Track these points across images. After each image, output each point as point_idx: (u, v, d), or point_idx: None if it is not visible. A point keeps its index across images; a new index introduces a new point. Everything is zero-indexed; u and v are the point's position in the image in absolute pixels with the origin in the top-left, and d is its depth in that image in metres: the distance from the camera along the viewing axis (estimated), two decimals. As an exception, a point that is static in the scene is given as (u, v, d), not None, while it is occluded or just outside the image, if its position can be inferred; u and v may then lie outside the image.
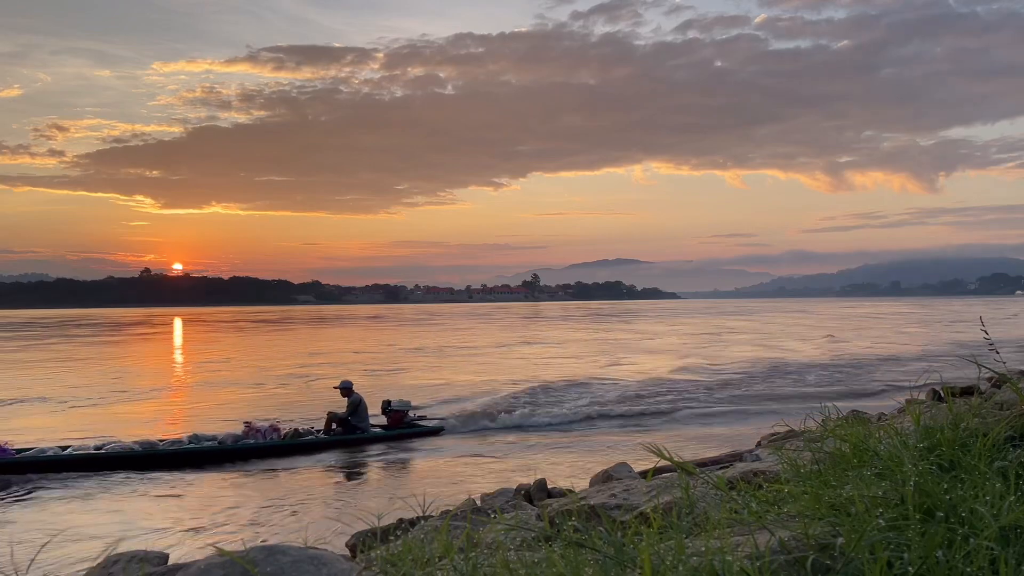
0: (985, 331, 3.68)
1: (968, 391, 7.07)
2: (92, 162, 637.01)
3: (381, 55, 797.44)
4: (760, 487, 2.87)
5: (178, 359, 34.17)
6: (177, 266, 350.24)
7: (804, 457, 2.90)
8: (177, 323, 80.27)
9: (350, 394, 13.10)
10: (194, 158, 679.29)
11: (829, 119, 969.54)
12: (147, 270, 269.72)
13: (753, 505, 2.46)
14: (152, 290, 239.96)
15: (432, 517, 4.51)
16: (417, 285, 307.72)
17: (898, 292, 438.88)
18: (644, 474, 5.56)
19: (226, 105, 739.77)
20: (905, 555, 1.82)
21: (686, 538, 2.14)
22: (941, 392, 7.31)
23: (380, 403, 13.94)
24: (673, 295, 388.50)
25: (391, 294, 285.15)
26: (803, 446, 3.16)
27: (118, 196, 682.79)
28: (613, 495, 4.34)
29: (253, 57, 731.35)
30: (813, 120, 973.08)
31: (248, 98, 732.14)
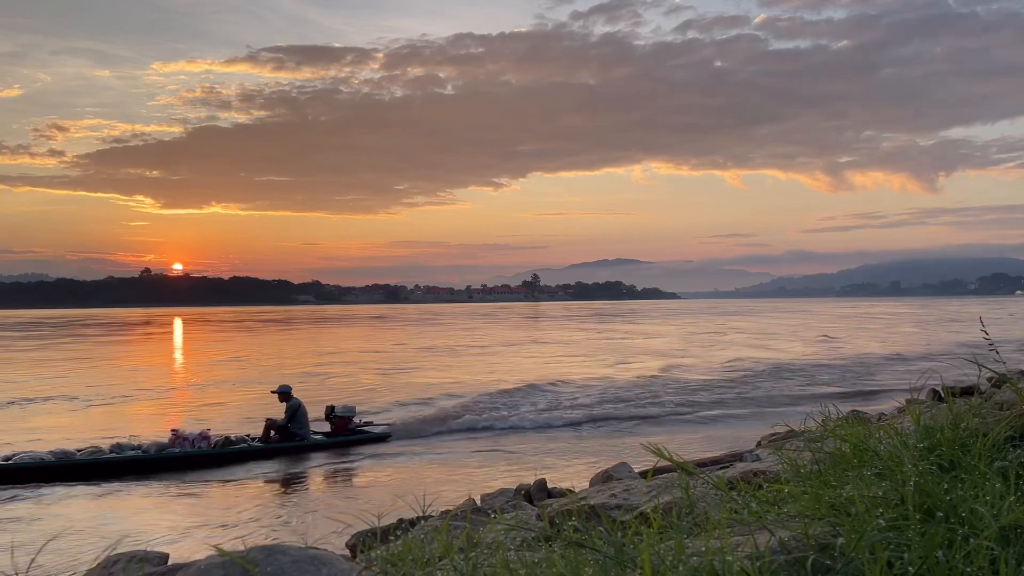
0: (985, 331, 3.68)
1: (968, 391, 7.08)
2: (92, 162, 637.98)
3: (381, 55, 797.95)
4: (760, 487, 2.87)
5: (195, 358, 34.26)
6: (177, 266, 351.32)
7: (804, 457, 2.90)
8: (181, 323, 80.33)
9: (288, 399, 12.55)
10: (194, 158, 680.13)
11: (829, 119, 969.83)
12: (147, 270, 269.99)
13: (753, 505, 2.46)
14: (152, 290, 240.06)
15: (432, 517, 4.51)
16: (417, 285, 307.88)
17: (898, 292, 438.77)
18: (644, 474, 5.57)
19: (226, 105, 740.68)
20: (905, 555, 1.82)
21: (686, 538, 2.14)
22: (941, 392, 7.31)
23: (324, 408, 13.28)
24: (673, 295, 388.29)
25: (391, 294, 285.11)
26: (803, 446, 3.16)
27: (118, 196, 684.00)
28: (613, 495, 4.34)
29: (253, 57, 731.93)
30: (813, 120, 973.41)
31: (248, 98, 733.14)
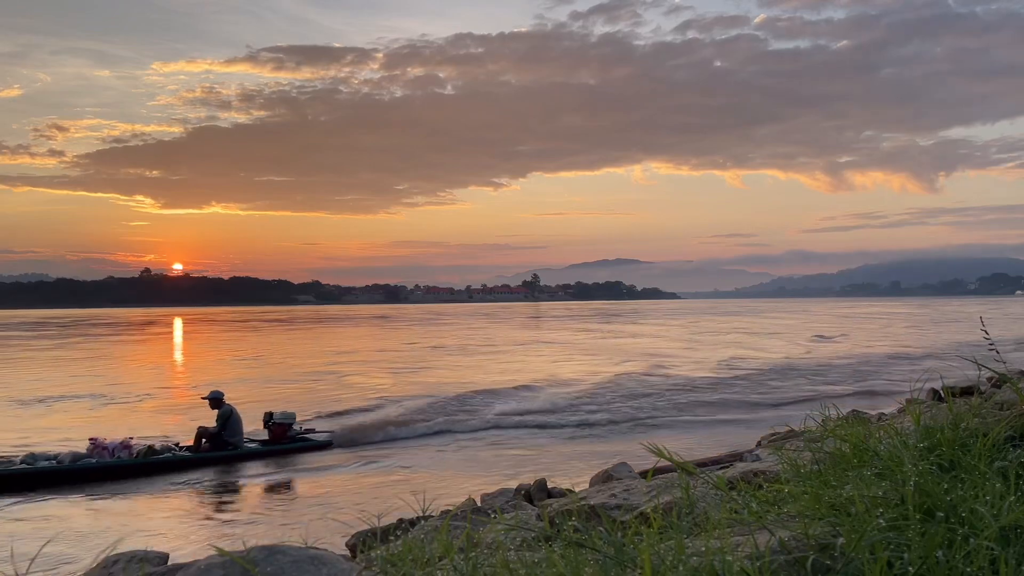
0: (985, 331, 3.68)
1: (968, 391, 7.07)
2: (92, 162, 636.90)
3: (381, 55, 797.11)
4: (760, 487, 2.87)
5: (210, 356, 34.38)
6: (177, 266, 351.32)
7: (804, 457, 2.90)
8: (187, 324, 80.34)
9: (220, 405, 11.99)
10: (194, 158, 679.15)
11: (829, 119, 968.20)
12: (147, 270, 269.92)
13: (753, 505, 2.46)
14: (152, 290, 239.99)
15: (432, 517, 4.52)
16: (417, 285, 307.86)
17: (898, 292, 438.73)
18: (644, 474, 5.57)
19: (226, 105, 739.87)
20: (905, 555, 1.82)
21: (686, 538, 2.14)
22: (941, 392, 7.31)
23: (262, 415, 12.71)
24: (673, 295, 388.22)
25: (391, 294, 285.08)
26: (803, 446, 3.16)
27: (118, 196, 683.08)
28: (613, 495, 4.34)
29: (253, 57, 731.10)
30: (813, 120, 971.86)
31: (248, 98, 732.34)
